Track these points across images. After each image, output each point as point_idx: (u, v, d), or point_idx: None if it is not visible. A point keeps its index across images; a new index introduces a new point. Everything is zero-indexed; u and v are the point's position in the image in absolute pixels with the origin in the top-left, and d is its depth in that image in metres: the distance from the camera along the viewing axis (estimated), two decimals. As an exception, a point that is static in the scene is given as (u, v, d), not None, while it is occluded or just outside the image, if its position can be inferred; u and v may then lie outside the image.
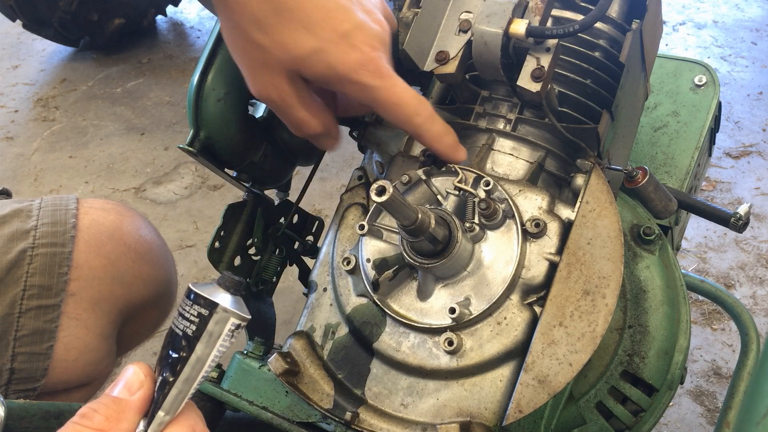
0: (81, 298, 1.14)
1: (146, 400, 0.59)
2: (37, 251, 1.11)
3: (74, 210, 1.17)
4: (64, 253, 1.12)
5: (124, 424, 0.58)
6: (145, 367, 0.60)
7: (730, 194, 2.57)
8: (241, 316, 0.59)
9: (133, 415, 0.58)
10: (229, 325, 0.58)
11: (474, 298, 0.85)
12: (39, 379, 1.12)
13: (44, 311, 1.10)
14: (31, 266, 1.10)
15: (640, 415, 1.02)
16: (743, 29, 3.48)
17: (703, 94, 1.34)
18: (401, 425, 0.84)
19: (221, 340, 0.58)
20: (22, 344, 1.10)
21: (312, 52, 0.78)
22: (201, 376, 0.59)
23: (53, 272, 1.11)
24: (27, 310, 1.10)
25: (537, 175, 0.93)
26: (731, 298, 1.16)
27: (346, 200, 0.99)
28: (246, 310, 0.60)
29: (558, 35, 0.82)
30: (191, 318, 0.58)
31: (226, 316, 0.58)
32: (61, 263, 1.12)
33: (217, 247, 1.10)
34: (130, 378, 0.59)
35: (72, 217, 1.16)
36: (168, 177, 2.89)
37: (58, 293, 1.11)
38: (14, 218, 1.14)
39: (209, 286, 0.60)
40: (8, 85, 3.54)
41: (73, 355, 1.14)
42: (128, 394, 0.59)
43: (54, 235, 1.13)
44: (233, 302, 0.59)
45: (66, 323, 1.12)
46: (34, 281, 1.10)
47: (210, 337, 0.58)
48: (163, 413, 0.58)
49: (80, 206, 1.20)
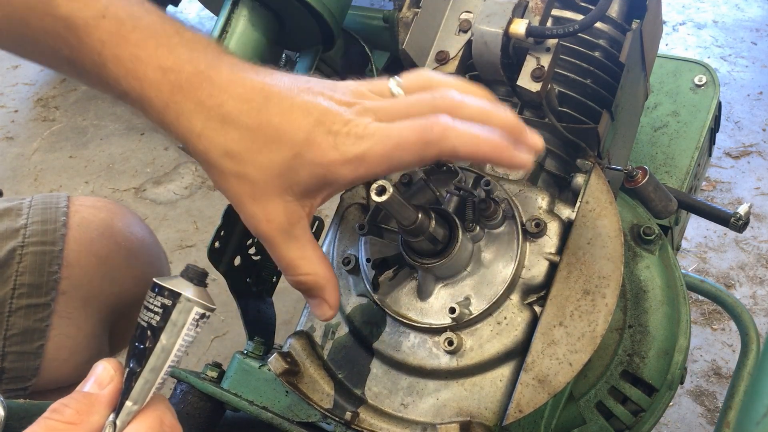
0: (72, 296, 1.13)
1: (116, 394, 0.60)
2: (27, 250, 1.11)
3: (65, 208, 1.17)
4: (55, 252, 1.12)
5: (95, 416, 0.59)
6: (115, 363, 0.61)
7: (730, 194, 2.57)
8: (204, 305, 0.60)
9: (103, 408, 0.59)
10: (193, 315, 0.60)
11: (474, 298, 0.85)
12: (30, 379, 1.12)
13: (34, 310, 1.10)
14: (21, 265, 1.10)
15: (640, 415, 1.02)
16: (743, 29, 3.48)
17: (703, 94, 1.34)
18: (401, 425, 0.84)
19: (185, 329, 0.60)
20: (13, 343, 1.09)
21: (291, 161, 0.69)
22: (168, 366, 0.60)
23: (43, 271, 1.11)
24: (17, 309, 1.09)
25: (537, 174, 0.93)
26: (731, 298, 1.16)
27: (346, 200, 0.99)
28: (211, 300, 0.61)
29: (558, 35, 0.82)
30: (155, 309, 0.59)
31: (189, 305, 0.59)
32: (51, 262, 1.12)
33: (217, 247, 1.10)
34: (100, 373, 0.61)
35: (62, 215, 1.16)
36: (168, 177, 2.89)
37: (48, 292, 1.11)
38: (4, 217, 1.14)
39: (174, 278, 0.61)
40: (8, 85, 3.54)
41: (64, 354, 1.13)
42: (98, 388, 0.60)
43: (44, 234, 1.13)
44: (197, 292, 0.60)
45: (57, 322, 1.12)
46: (24, 280, 1.09)
47: (174, 326, 0.59)
48: (130, 403, 0.60)
49: (71, 204, 1.19)
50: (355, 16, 1.19)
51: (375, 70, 1.15)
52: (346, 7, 1.06)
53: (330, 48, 1.11)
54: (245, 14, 0.99)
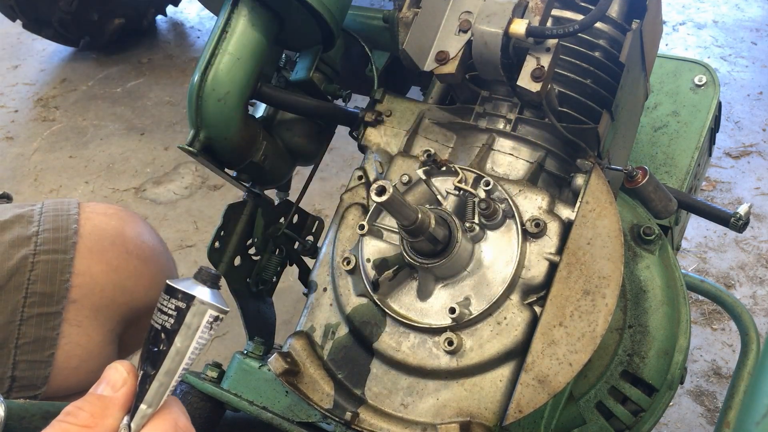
0: (82, 305, 1.13)
1: (130, 396, 0.60)
2: (38, 258, 1.10)
3: (76, 215, 1.17)
4: (66, 260, 1.12)
5: (109, 419, 0.58)
6: (128, 365, 0.61)
7: (730, 194, 2.57)
8: (218, 308, 0.60)
9: (117, 411, 0.59)
10: (207, 317, 0.59)
11: (474, 298, 0.85)
12: (40, 387, 1.11)
13: (45, 319, 1.10)
14: (33, 273, 1.09)
15: (640, 415, 1.02)
16: (743, 29, 3.48)
17: (703, 94, 1.34)
18: (401, 425, 0.84)
19: (200, 332, 0.59)
20: (24, 352, 1.09)
21: None
22: (182, 369, 0.60)
23: (55, 279, 1.11)
24: (28, 318, 1.09)
25: (537, 175, 0.93)
26: (731, 298, 1.16)
27: (346, 200, 0.99)
28: (224, 302, 0.61)
29: (558, 35, 0.82)
30: (169, 312, 0.59)
31: (204, 308, 0.59)
32: (62, 270, 1.11)
33: (217, 247, 1.10)
34: (113, 376, 0.60)
35: (74, 223, 1.15)
36: (168, 177, 2.89)
37: (59, 300, 1.10)
38: (15, 224, 1.13)
39: (187, 281, 0.60)
40: (8, 85, 3.54)
41: (74, 363, 1.13)
42: (112, 391, 0.59)
43: (56, 242, 1.12)
44: (210, 295, 0.60)
45: (67, 330, 1.12)
46: (35, 288, 1.09)
47: (188, 329, 0.59)
48: (145, 406, 0.59)
49: (82, 211, 1.19)
50: (355, 16, 1.19)
51: (375, 70, 1.15)
52: (346, 7, 1.06)
53: (330, 48, 1.11)
54: (245, 14, 0.99)
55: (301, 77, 1.14)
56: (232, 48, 1.00)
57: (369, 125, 1.03)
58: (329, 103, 1.14)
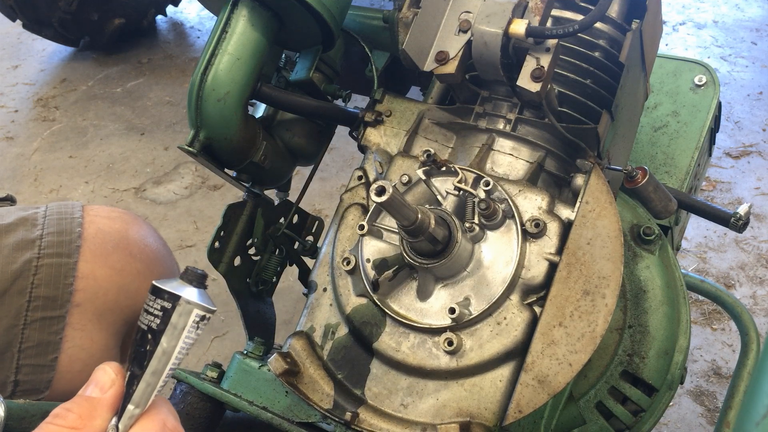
0: (86, 309, 1.13)
1: (118, 398, 0.60)
2: (42, 261, 1.10)
3: (79, 219, 1.16)
4: (70, 264, 1.12)
5: (97, 421, 0.58)
6: (116, 366, 0.61)
7: (730, 194, 2.57)
8: (205, 308, 0.60)
9: (105, 412, 0.59)
10: (193, 317, 0.59)
11: (474, 298, 0.85)
12: (43, 391, 1.11)
13: (49, 323, 1.10)
14: (37, 277, 1.09)
15: (640, 415, 1.02)
16: (743, 29, 3.48)
17: (703, 94, 1.34)
18: (401, 425, 0.84)
19: (186, 332, 0.59)
20: (27, 356, 1.09)
21: None
22: (168, 369, 0.60)
23: (58, 283, 1.10)
24: (32, 322, 1.09)
25: (537, 175, 0.93)
26: (731, 298, 1.16)
27: (346, 200, 0.99)
28: (211, 301, 0.61)
29: (558, 35, 0.82)
30: (155, 312, 0.59)
31: (190, 308, 0.59)
32: (66, 274, 1.11)
33: (217, 247, 1.10)
34: (101, 377, 0.60)
35: (77, 226, 1.15)
36: (168, 177, 2.89)
37: (63, 304, 1.10)
38: (19, 227, 1.13)
39: (173, 281, 0.60)
40: (8, 85, 3.54)
41: (77, 367, 1.13)
42: (100, 392, 0.60)
43: (59, 245, 1.12)
44: (197, 294, 0.60)
45: (71, 334, 1.11)
46: (39, 292, 1.09)
47: (174, 329, 0.59)
48: (132, 407, 0.59)
49: (86, 214, 1.18)
50: (355, 16, 1.19)
51: (375, 70, 1.15)
52: (346, 7, 1.06)
53: (330, 48, 1.12)
54: (245, 14, 0.99)
55: (301, 77, 1.15)
56: (231, 48, 1.00)
57: (369, 125, 1.03)
58: (329, 103, 1.14)
